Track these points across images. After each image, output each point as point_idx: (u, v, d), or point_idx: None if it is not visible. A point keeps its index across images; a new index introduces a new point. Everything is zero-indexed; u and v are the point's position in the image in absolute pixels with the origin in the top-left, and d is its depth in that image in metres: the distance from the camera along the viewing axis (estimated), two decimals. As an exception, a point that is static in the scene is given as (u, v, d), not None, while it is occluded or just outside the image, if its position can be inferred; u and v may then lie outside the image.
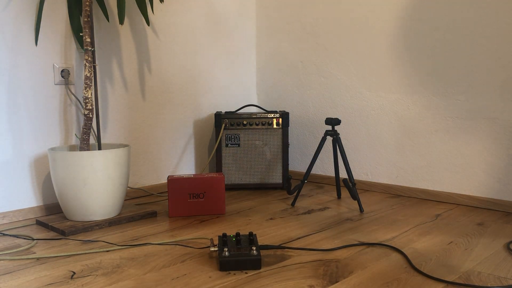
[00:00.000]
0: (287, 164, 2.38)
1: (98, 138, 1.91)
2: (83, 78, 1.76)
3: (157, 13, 2.28)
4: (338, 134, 2.04)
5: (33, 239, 1.61)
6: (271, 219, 1.84)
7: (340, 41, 2.41)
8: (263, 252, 1.45)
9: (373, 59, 2.29)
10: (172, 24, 2.36)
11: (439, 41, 2.05)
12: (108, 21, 2.06)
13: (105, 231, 1.70)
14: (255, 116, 2.36)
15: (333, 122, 2.05)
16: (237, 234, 1.40)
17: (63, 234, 1.65)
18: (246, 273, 1.29)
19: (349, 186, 1.97)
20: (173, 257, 1.43)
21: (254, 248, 1.33)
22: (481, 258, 1.39)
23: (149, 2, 1.95)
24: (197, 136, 2.52)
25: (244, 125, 2.36)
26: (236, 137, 2.36)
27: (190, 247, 1.51)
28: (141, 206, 2.02)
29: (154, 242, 1.56)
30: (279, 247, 1.48)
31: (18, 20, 1.83)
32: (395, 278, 1.24)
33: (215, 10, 2.55)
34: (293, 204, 2.04)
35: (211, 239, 1.45)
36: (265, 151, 2.36)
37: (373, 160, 2.34)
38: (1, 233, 1.69)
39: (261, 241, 1.56)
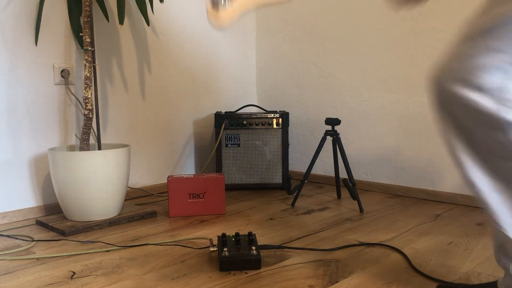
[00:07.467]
0: (287, 164, 2.38)
1: (98, 138, 1.91)
2: (83, 78, 1.76)
3: (157, 13, 2.28)
4: (338, 134, 2.04)
5: (33, 239, 1.61)
6: (271, 219, 1.84)
7: (340, 41, 2.41)
8: (263, 252, 1.44)
9: (373, 59, 2.29)
10: (172, 24, 2.36)
11: (439, 41, 2.05)
12: (108, 21, 2.06)
13: (105, 231, 1.70)
14: (255, 116, 2.36)
15: (333, 122, 2.05)
16: (237, 234, 1.40)
17: (63, 234, 1.65)
18: (246, 273, 1.29)
19: (349, 186, 1.97)
20: (173, 257, 1.43)
21: (253, 248, 1.33)
22: (481, 258, 1.39)
23: (149, 2, 1.95)
24: (197, 136, 2.52)
25: (244, 125, 2.35)
26: (236, 137, 2.36)
27: (190, 247, 1.51)
28: (141, 206, 2.02)
29: (154, 242, 1.55)
30: (279, 247, 1.48)
31: (18, 20, 1.83)
32: (395, 279, 1.24)
33: (215, 10, 2.54)
34: (293, 204, 2.04)
35: (211, 239, 1.45)
36: (265, 151, 2.36)
37: (373, 160, 2.34)
38: (1, 234, 1.69)
39: (261, 241, 1.56)
